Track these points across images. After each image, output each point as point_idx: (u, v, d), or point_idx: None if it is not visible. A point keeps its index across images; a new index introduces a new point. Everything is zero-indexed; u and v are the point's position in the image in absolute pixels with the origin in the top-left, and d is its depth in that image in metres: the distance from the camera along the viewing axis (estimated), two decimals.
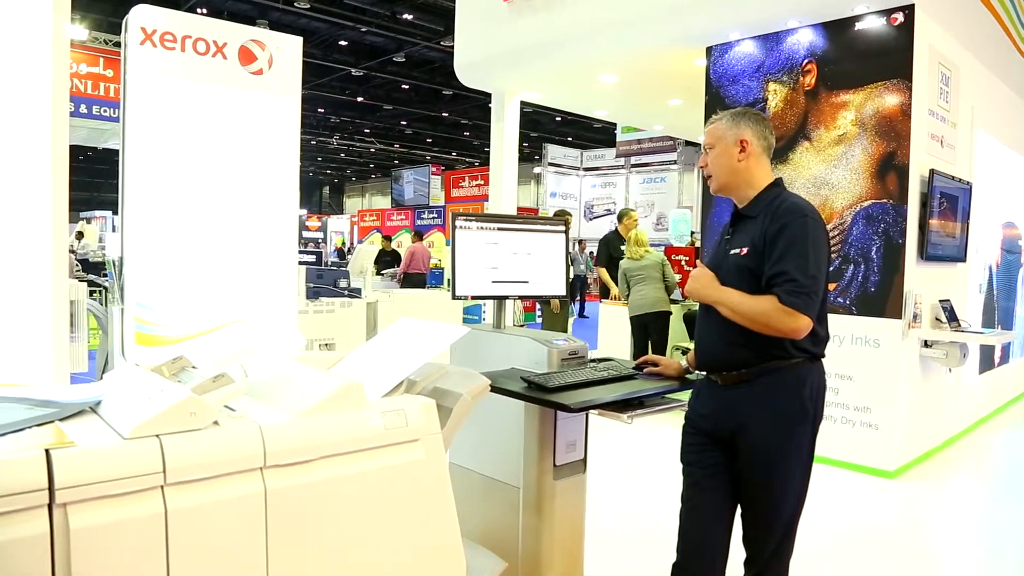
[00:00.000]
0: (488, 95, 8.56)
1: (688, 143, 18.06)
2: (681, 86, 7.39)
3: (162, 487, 1.25)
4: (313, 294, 6.34)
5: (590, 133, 23.39)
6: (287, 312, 3.72)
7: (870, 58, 4.95)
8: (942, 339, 5.14)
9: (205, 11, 12.97)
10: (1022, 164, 7.56)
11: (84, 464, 1.18)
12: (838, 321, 3.43)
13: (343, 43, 16.04)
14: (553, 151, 21.92)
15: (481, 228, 2.63)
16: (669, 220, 16.13)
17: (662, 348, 6.60)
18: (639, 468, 4.94)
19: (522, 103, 8.48)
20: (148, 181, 3.36)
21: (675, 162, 19.75)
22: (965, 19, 5.79)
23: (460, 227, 2.58)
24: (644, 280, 6.72)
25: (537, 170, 23.34)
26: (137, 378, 1.50)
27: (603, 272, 7.74)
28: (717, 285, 2.16)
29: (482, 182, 19.36)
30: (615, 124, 18.03)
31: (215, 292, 3.49)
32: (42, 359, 2.34)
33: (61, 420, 1.33)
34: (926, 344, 5.17)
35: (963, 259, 5.73)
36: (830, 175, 5.15)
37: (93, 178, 29.24)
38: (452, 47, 8.05)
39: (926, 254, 4.99)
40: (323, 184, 40.48)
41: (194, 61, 3.42)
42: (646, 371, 2.51)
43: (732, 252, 2.18)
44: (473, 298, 2.66)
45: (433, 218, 20.57)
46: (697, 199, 17.76)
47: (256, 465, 1.35)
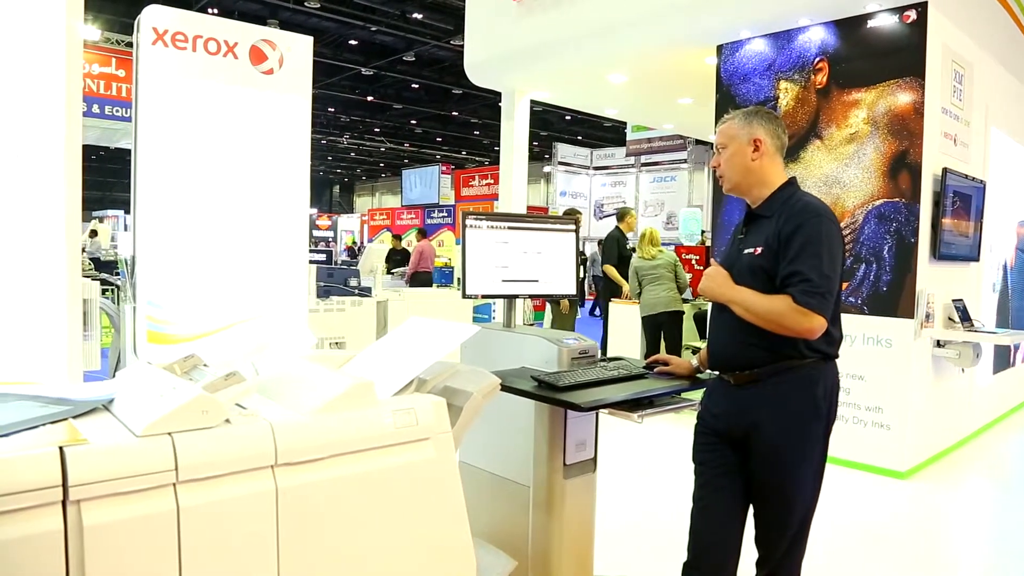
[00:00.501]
0: (498, 94, 8.56)
1: (699, 142, 17.99)
2: (691, 85, 7.36)
3: (174, 485, 1.25)
4: (324, 293, 6.36)
5: (600, 132, 23.35)
6: (298, 311, 3.73)
7: (882, 56, 4.92)
8: (955, 339, 5.11)
9: (216, 11, 13.03)
10: None
11: (97, 461, 1.19)
12: (849, 321, 3.40)
13: (353, 42, 16.07)
14: (563, 150, 21.88)
15: (492, 227, 2.62)
16: (679, 219, 16.06)
17: (675, 348, 6.58)
18: (649, 467, 4.93)
19: (532, 102, 8.46)
20: (160, 180, 3.38)
21: (685, 161, 19.67)
22: (979, 16, 5.74)
23: (471, 226, 2.58)
24: (657, 280, 6.70)
25: (547, 169, 23.31)
26: (149, 376, 1.51)
27: (612, 270, 7.72)
28: (731, 284, 2.16)
29: (492, 181, 19.39)
30: (625, 123, 17.97)
31: (226, 291, 3.50)
32: (56, 357, 2.35)
33: (74, 418, 1.34)
34: (939, 344, 5.13)
35: (976, 258, 5.69)
36: (842, 174, 5.12)
37: (105, 177, 29.41)
38: (462, 46, 8.04)
39: (939, 253, 4.96)
40: (333, 183, 40.58)
41: (205, 61, 3.43)
42: (656, 370, 2.51)
43: (746, 252, 2.17)
44: (483, 297, 2.66)
45: (443, 217, 20.60)
46: (707, 198, 17.70)
47: (267, 463, 1.35)
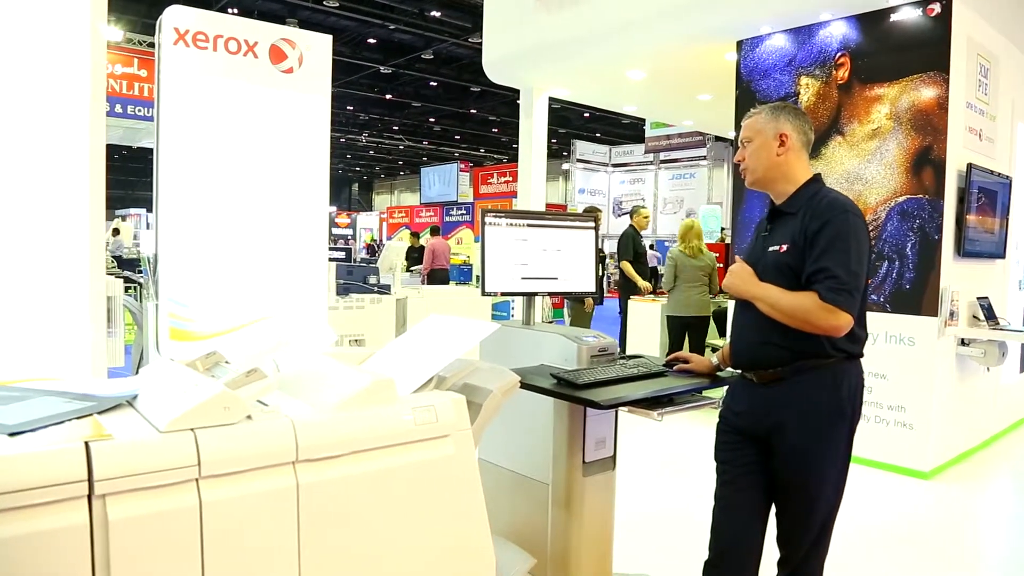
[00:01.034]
0: (516, 91, 8.55)
1: (718, 138, 17.91)
2: (711, 81, 7.31)
3: (197, 480, 1.26)
4: (343, 290, 6.38)
5: (619, 129, 23.28)
6: (318, 308, 3.75)
7: (905, 50, 4.86)
8: (980, 337, 5.04)
9: (236, 11, 13.12)
10: None
11: (122, 456, 1.20)
12: (872, 319, 3.34)
13: (372, 41, 16.13)
14: (581, 147, 21.86)
15: (511, 225, 2.62)
16: (699, 216, 15.99)
17: (699, 351, 6.54)
18: (669, 465, 4.91)
19: (550, 99, 8.46)
20: (181, 179, 3.40)
21: (705, 158, 19.57)
22: (1005, 7, 5.65)
23: (490, 224, 2.58)
24: (694, 280, 6.63)
25: (565, 166, 23.29)
26: (172, 372, 1.52)
27: (628, 267, 7.69)
28: (756, 281, 2.14)
29: (510, 179, 19.36)
30: (644, 120, 17.91)
31: (247, 288, 3.52)
32: (80, 353, 2.38)
33: (99, 413, 1.35)
34: (963, 342, 5.07)
35: (1002, 255, 5.62)
36: (864, 170, 5.07)
37: (128, 176, 29.75)
38: (480, 44, 8.05)
39: (963, 250, 4.89)
40: (352, 181, 40.76)
41: (226, 60, 3.46)
42: (676, 368, 2.50)
43: (771, 249, 2.15)
44: (502, 294, 2.66)
45: (462, 215, 20.61)
46: (727, 195, 17.61)
47: (288, 459, 1.36)
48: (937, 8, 4.70)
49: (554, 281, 2.71)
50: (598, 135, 24.26)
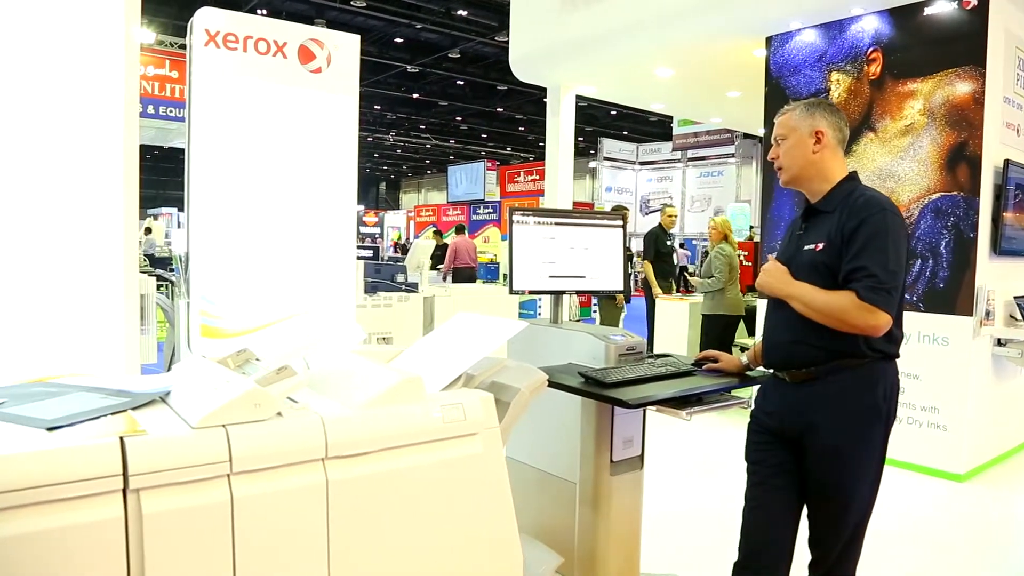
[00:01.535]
0: (543, 90, 8.54)
1: (747, 136, 17.72)
2: (740, 78, 7.24)
3: (228, 476, 1.28)
4: (371, 288, 6.43)
5: (646, 127, 23.14)
6: (346, 306, 3.78)
7: (940, 44, 4.77)
8: (1017, 337, 4.94)
9: (264, 12, 13.26)
10: None
11: (156, 452, 1.22)
12: (904, 318, 3.28)
13: (398, 40, 16.19)
14: (608, 145, 21.74)
15: (538, 223, 2.62)
16: (727, 214, 15.86)
17: (728, 349, 6.47)
18: (698, 466, 4.87)
19: (577, 97, 8.43)
20: (212, 178, 3.44)
21: (733, 155, 19.38)
22: None
23: (517, 222, 2.58)
24: (736, 278, 6.55)
25: (592, 165, 23.20)
26: (204, 369, 1.54)
27: (648, 268, 7.63)
28: (790, 279, 2.11)
29: (537, 177, 19.35)
30: (671, 117, 17.78)
31: (277, 286, 3.56)
32: (114, 350, 2.43)
33: (133, 409, 1.37)
34: (999, 343, 4.97)
35: None
36: (896, 167, 4.99)
37: (159, 176, 30.18)
38: (506, 42, 8.04)
39: (1000, 248, 4.79)
40: (380, 180, 40.99)
41: (255, 61, 3.49)
42: (705, 367, 2.48)
43: (806, 248, 2.12)
44: (530, 293, 2.66)
45: (488, 213, 20.64)
46: (756, 193, 17.42)
47: (318, 456, 1.37)
48: (974, 1, 4.61)
49: (582, 279, 2.71)
50: (625, 133, 24.14)
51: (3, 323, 2.21)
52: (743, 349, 3.47)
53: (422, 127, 26.46)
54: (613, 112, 20.95)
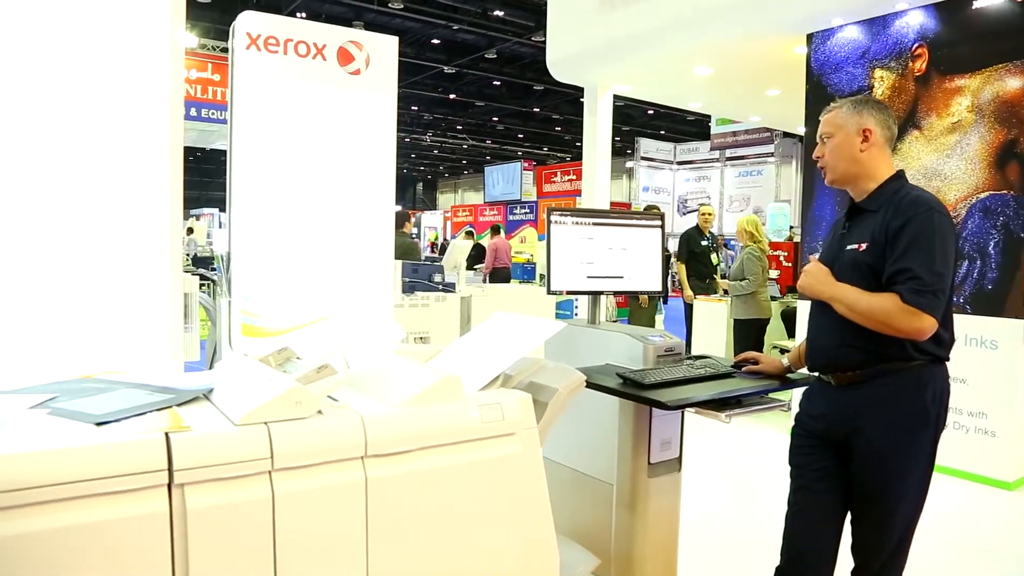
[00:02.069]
0: (580, 89, 8.51)
1: (786, 134, 17.47)
2: (780, 75, 7.14)
3: (270, 472, 1.29)
4: (409, 288, 6.46)
5: (683, 126, 22.95)
6: (384, 306, 3.81)
7: (989, 39, 4.65)
8: None
9: (304, 15, 13.43)
10: None
11: (200, 448, 1.24)
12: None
13: (435, 41, 16.29)
14: (645, 145, 21.59)
15: (576, 223, 2.61)
16: (766, 214, 15.64)
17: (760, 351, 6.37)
18: (736, 469, 4.81)
19: (614, 97, 8.39)
20: (253, 179, 3.50)
21: (772, 154, 19.11)
22: None
23: (555, 222, 2.57)
24: (767, 280, 6.45)
25: (629, 164, 23.06)
26: (246, 368, 1.57)
27: (681, 270, 7.55)
28: (832, 281, 2.07)
29: (574, 177, 19.30)
30: (709, 116, 17.60)
31: (316, 286, 3.60)
32: (159, 347, 2.47)
33: (178, 405, 1.40)
34: None
35: None
36: (942, 166, 4.87)
37: (201, 177, 30.75)
38: (543, 42, 8.04)
39: None
40: (417, 180, 41.26)
41: (296, 63, 3.53)
42: (745, 369, 2.44)
43: (849, 248, 2.07)
44: (568, 293, 2.65)
45: (525, 213, 20.63)
46: (796, 192, 17.16)
47: (358, 454, 1.38)
48: None
49: (620, 280, 2.69)
50: (662, 132, 23.96)
51: (54, 320, 2.27)
52: (783, 351, 3.42)
53: (459, 127, 26.57)
54: (650, 111, 20.81)
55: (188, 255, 10.07)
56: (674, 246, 15.87)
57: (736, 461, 4.96)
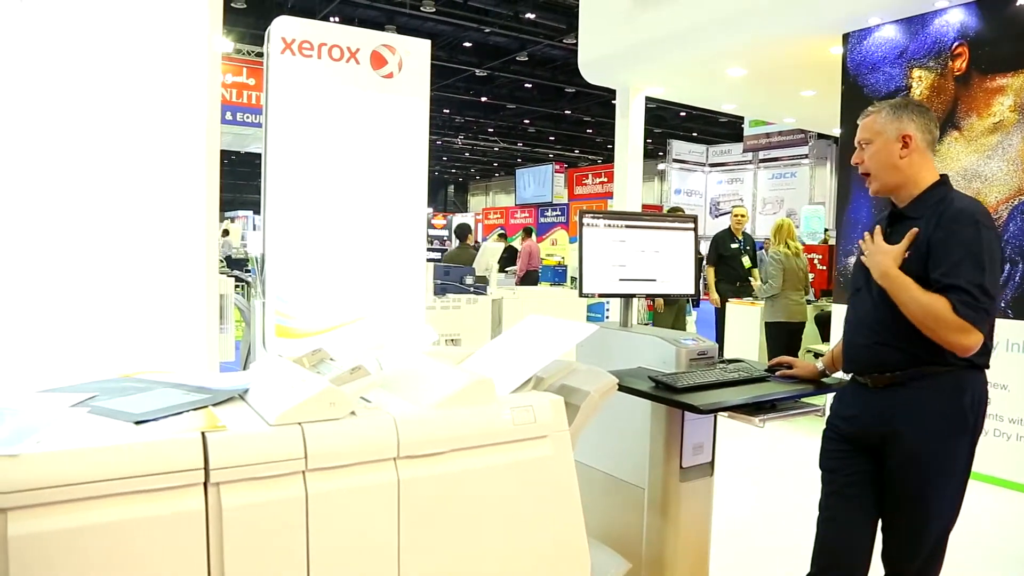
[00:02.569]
0: (612, 91, 8.48)
1: (821, 136, 17.22)
2: (815, 76, 7.04)
3: (303, 472, 1.31)
4: (440, 290, 6.49)
5: (716, 128, 22.75)
6: (416, 308, 3.83)
7: None
8: None
9: (338, 19, 13.57)
10: None
11: (235, 447, 1.26)
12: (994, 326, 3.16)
13: (467, 44, 16.36)
14: (678, 147, 21.41)
15: (608, 226, 2.60)
16: (800, 217, 15.44)
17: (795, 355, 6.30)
18: (769, 474, 4.75)
19: (646, 99, 8.34)
20: (288, 182, 3.54)
21: (806, 156, 18.83)
22: None
23: (588, 224, 2.56)
24: (798, 283, 6.38)
25: (661, 166, 22.91)
26: (280, 368, 1.58)
27: (709, 273, 7.47)
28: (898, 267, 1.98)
29: (606, 179, 19.25)
30: (742, 118, 17.42)
31: (349, 288, 3.63)
32: (195, 348, 2.51)
33: (214, 405, 1.42)
34: None
35: None
36: (983, 167, 4.77)
37: (236, 180, 31.17)
38: (575, 45, 8.03)
39: None
40: (448, 183, 41.43)
41: (330, 67, 3.57)
42: (779, 373, 2.41)
43: None
44: (600, 296, 2.64)
45: (556, 216, 20.61)
46: (831, 195, 16.91)
47: (390, 455, 1.39)
48: None
49: (652, 283, 2.67)
50: (695, 134, 23.77)
51: (94, 321, 2.31)
52: (817, 355, 3.37)
53: (490, 130, 26.64)
54: (682, 113, 20.67)
55: (223, 257, 10.21)
56: (705, 249, 15.76)
57: (768, 465, 4.90)
